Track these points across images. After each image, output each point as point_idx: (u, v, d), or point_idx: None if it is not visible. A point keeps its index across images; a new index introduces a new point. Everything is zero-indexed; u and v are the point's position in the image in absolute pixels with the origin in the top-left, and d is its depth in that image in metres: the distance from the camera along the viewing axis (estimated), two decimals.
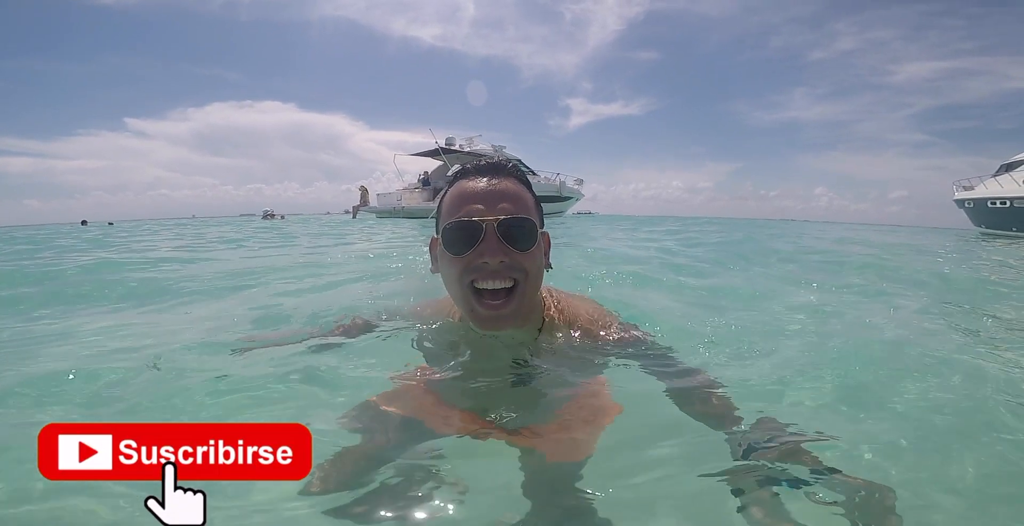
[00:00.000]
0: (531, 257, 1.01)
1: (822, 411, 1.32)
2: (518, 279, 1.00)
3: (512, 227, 0.98)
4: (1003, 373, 1.65)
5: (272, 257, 5.78)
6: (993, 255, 7.63)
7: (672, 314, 2.39)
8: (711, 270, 4.40)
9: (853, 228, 20.72)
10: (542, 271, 1.06)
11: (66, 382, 1.42)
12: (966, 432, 1.22)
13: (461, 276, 1.01)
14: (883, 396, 1.42)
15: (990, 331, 2.46)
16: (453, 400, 1.12)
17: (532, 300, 1.08)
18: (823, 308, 2.65)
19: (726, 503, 0.81)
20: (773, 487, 0.77)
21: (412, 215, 25.35)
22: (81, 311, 2.72)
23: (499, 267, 0.98)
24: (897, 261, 5.41)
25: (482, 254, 0.97)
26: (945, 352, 1.88)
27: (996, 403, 1.36)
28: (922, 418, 1.30)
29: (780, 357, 1.73)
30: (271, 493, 0.89)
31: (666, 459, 1.01)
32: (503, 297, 1.01)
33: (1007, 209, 18.01)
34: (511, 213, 0.99)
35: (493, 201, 0.99)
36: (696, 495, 0.92)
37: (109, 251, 6.97)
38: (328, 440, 0.97)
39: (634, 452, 1.07)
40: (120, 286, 3.38)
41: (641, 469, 1.01)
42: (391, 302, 2.02)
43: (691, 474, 0.94)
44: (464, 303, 1.04)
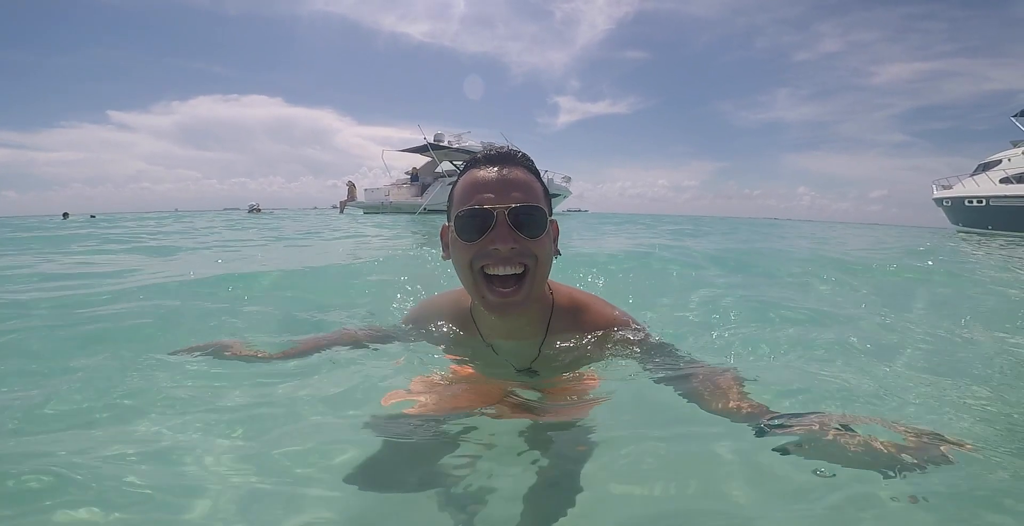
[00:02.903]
0: (540, 244, 1.04)
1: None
2: (528, 265, 1.03)
3: (522, 215, 1.01)
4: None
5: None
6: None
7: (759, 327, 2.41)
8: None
9: (841, 227, 21.20)
10: (551, 257, 1.09)
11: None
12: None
13: (472, 262, 1.03)
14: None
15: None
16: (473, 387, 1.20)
17: (541, 287, 1.10)
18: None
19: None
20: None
21: (400, 210, 25.21)
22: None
23: (509, 253, 1.01)
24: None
25: (493, 241, 1.00)
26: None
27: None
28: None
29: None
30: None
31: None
32: (513, 284, 1.04)
33: (983, 208, 18.50)
34: (521, 201, 1.02)
35: (504, 190, 1.02)
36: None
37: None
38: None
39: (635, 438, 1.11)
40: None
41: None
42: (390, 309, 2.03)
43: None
44: (475, 289, 1.07)
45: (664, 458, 1.08)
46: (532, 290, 1.05)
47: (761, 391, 1.03)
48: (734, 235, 11.72)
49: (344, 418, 1.26)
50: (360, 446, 1.07)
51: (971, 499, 0.94)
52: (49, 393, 1.35)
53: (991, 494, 0.96)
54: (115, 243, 7.72)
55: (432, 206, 23.97)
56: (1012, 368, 1.85)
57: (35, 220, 25.98)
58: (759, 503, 0.96)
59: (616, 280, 3.58)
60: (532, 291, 1.06)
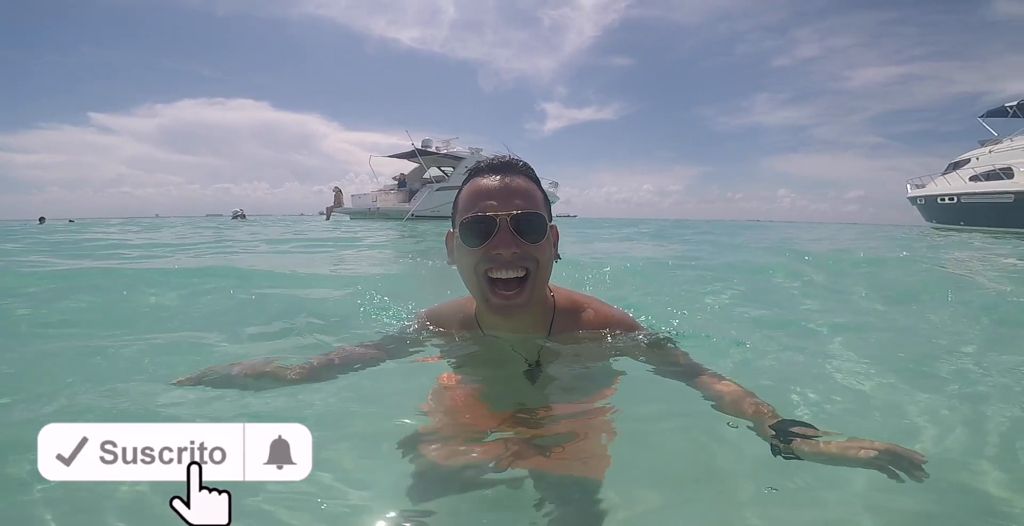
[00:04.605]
0: (541, 248, 1.09)
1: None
2: (530, 268, 1.09)
3: (523, 221, 1.07)
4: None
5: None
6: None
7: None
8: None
9: (821, 228, 21.76)
10: (551, 261, 1.14)
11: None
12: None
13: (476, 266, 1.09)
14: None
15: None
16: (483, 405, 1.21)
17: (542, 289, 1.15)
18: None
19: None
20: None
21: (388, 216, 25.03)
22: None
23: (512, 258, 1.06)
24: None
25: (496, 246, 1.05)
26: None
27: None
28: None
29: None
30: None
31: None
32: (515, 287, 1.09)
33: (955, 205, 19.06)
34: (523, 208, 1.07)
35: (506, 197, 1.07)
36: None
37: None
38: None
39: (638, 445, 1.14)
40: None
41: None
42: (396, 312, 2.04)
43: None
44: (479, 292, 1.12)
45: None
46: (534, 292, 1.11)
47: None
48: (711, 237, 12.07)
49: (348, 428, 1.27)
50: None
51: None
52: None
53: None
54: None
55: (420, 212, 23.86)
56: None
57: (17, 225, 25.41)
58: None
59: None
60: (534, 293, 1.11)
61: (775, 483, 1.01)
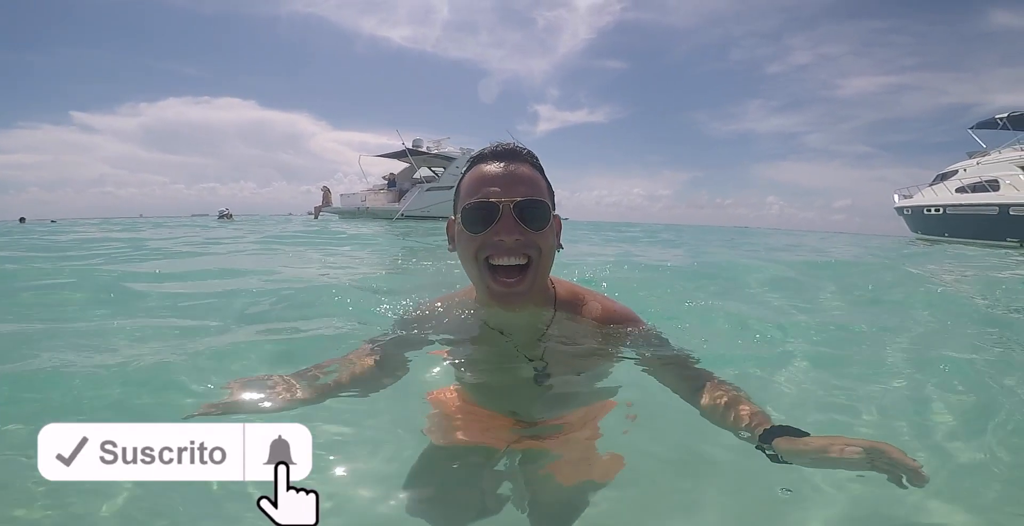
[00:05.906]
0: (544, 236, 1.08)
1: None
2: (532, 256, 1.07)
3: (527, 208, 1.05)
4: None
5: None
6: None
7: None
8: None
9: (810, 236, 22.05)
10: (554, 250, 1.13)
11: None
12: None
13: (478, 253, 1.07)
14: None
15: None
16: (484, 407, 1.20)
17: (544, 278, 1.14)
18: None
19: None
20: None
21: (377, 216, 24.84)
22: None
23: (514, 245, 1.04)
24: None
25: (498, 232, 1.04)
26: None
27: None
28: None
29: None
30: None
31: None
32: (517, 275, 1.07)
33: (940, 216, 19.37)
34: (526, 195, 1.06)
35: (510, 184, 1.06)
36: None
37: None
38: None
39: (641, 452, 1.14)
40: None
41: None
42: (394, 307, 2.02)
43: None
44: (480, 279, 1.10)
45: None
46: (535, 280, 1.09)
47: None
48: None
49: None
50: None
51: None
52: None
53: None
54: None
55: (410, 212, 23.70)
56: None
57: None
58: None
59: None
60: (535, 281, 1.09)
61: (789, 484, 1.01)
